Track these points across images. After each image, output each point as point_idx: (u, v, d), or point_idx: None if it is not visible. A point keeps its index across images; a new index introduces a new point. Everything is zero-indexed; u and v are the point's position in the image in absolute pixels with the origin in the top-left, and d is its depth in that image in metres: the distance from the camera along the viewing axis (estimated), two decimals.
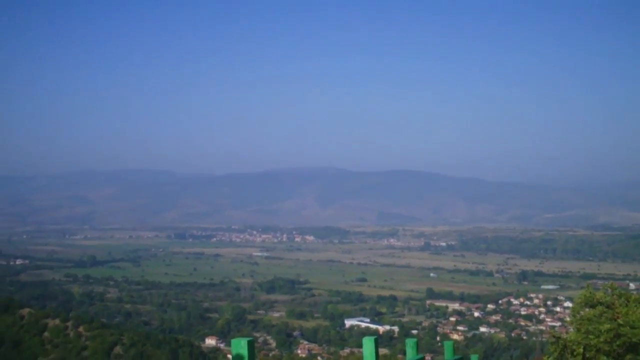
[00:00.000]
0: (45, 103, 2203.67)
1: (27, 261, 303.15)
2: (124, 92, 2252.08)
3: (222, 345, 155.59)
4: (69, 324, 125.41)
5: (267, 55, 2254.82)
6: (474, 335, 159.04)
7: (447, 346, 11.64)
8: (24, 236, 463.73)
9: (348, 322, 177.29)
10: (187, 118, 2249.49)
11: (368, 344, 8.42)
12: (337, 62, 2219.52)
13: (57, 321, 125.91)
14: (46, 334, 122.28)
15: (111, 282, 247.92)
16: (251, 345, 5.20)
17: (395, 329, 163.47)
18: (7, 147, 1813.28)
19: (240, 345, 5.20)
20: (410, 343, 9.75)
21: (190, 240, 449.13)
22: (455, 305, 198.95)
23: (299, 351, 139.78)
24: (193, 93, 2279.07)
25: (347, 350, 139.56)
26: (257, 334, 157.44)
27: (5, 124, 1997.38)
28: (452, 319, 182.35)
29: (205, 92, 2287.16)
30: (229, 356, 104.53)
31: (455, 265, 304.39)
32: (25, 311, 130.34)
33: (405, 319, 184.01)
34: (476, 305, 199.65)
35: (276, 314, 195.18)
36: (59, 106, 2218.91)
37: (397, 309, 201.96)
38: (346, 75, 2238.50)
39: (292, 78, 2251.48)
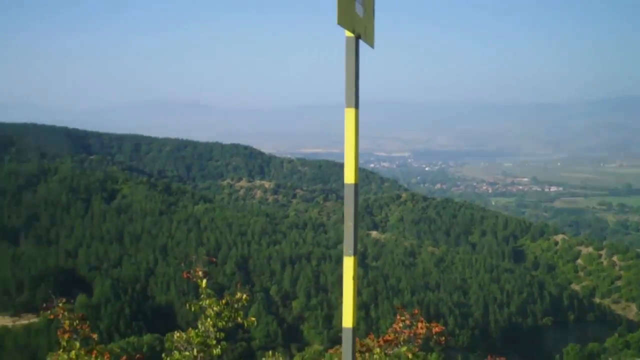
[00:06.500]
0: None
1: (561, 188, 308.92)
2: None
3: None
4: (603, 252, 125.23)
5: None
6: None
7: None
8: (558, 163, 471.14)
9: None
10: None
11: None
12: None
13: (590, 249, 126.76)
14: (579, 261, 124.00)
15: None
16: None
17: None
18: (543, 75, 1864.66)
19: None
20: None
21: None
22: None
23: None
24: None
25: None
26: None
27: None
28: None
29: None
30: None
31: None
32: (559, 237, 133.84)
33: None
34: None
35: None
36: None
37: None
38: None
39: None
